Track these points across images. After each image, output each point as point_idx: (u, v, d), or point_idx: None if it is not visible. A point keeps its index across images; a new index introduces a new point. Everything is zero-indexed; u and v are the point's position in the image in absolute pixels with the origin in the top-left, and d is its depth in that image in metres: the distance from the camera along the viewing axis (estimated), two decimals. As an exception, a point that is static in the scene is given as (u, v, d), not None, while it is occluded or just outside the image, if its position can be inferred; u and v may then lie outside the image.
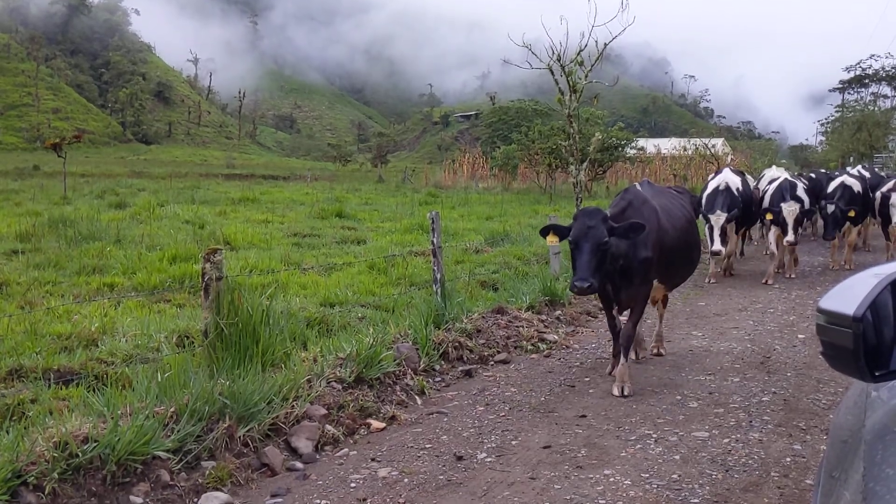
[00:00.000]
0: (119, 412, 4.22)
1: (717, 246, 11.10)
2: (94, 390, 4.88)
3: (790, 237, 11.63)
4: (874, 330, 1.65)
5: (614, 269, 5.90)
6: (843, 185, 13.16)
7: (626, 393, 5.94)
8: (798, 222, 11.74)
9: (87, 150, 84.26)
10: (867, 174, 15.15)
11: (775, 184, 12.46)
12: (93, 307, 7.66)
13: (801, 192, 12.13)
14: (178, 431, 4.23)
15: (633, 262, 5.95)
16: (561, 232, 6.07)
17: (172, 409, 4.38)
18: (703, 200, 11.76)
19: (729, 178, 12.00)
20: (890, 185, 12.80)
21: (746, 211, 12.21)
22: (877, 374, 1.67)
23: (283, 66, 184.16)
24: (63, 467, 3.72)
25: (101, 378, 5.34)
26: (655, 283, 6.39)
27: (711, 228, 11.22)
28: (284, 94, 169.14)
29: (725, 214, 11.15)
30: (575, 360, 7.10)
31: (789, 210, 11.60)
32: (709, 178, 13.33)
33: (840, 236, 13.19)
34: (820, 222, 17.60)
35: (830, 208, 12.65)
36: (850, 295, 1.66)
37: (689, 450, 4.84)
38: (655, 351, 7.26)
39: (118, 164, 61.02)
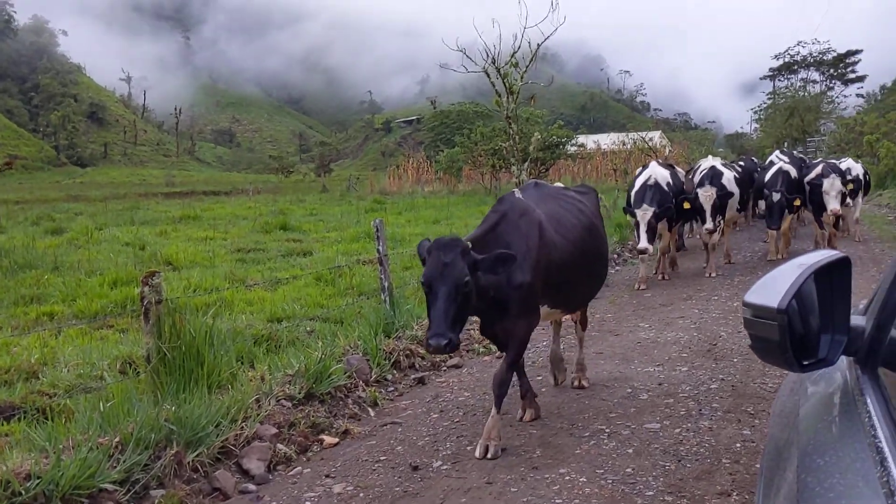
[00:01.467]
0: (61, 446, 4.11)
1: (644, 243, 10.38)
2: (36, 424, 4.73)
3: (708, 224, 11.21)
4: (800, 320, 1.67)
5: (483, 302, 4.75)
6: (781, 172, 12.69)
7: (490, 455, 4.75)
8: (716, 208, 11.28)
9: (21, 176, 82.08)
10: (786, 158, 15.04)
11: (700, 172, 12.16)
12: (32, 338, 7.43)
13: (726, 180, 11.82)
14: (123, 462, 4.12)
15: (506, 289, 4.81)
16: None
17: (117, 439, 4.27)
18: (631, 197, 11.10)
19: (656, 171, 11.23)
20: (818, 171, 12.61)
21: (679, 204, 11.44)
22: (805, 363, 1.70)
23: (217, 80, 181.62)
24: (5, 507, 3.61)
25: (43, 411, 5.18)
26: (547, 308, 5.29)
27: (637, 224, 10.58)
28: (221, 108, 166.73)
29: (653, 209, 10.47)
30: (527, 359, 7.04)
31: (705, 195, 11.20)
32: (636, 174, 12.41)
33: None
34: (755, 209, 17.89)
35: (776, 197, 12.18)
36: (774, 287, 1.69)
37: (642, 442, 4.89)
38: (577, 383, 6.20)
39: (53, 189, 59.35)
